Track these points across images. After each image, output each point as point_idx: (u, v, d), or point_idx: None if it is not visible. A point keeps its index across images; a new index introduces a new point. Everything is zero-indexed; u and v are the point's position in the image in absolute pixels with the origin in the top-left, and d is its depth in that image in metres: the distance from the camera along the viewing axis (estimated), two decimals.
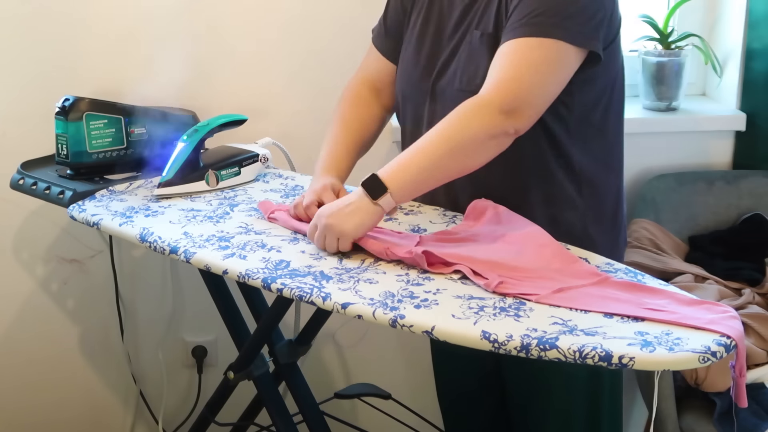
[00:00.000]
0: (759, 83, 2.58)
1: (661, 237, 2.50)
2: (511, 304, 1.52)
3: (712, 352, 1.37)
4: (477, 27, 1.80)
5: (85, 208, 1.96)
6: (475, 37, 1.79)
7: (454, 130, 1.68)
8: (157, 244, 1.78)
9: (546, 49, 1.69)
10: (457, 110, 1.69)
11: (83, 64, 2.34)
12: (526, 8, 1.70)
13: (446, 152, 1.67)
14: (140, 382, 2.58)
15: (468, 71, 1.80)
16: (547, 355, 1.39)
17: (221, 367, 2.15)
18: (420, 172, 1.68)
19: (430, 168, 1.68)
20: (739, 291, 2.42)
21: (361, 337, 2.63)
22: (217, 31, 2.38)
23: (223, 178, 2.06)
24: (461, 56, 1.82)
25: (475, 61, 1.79)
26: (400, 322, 1.48)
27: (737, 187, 2.58)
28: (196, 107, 2.30)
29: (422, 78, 1.88)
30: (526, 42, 1.69)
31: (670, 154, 2.62)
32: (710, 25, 2.68)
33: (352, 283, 1.59)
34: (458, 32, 1.84)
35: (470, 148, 1.68)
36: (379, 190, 1.66)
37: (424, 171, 1.68)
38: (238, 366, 2.03)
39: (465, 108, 1.68)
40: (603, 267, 1.65)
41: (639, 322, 1.45)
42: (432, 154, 1.68)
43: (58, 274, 2.49)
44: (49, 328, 2.53)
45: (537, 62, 1.69)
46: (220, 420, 2.16)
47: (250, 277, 1.64)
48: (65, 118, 2.06)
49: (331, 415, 2.21)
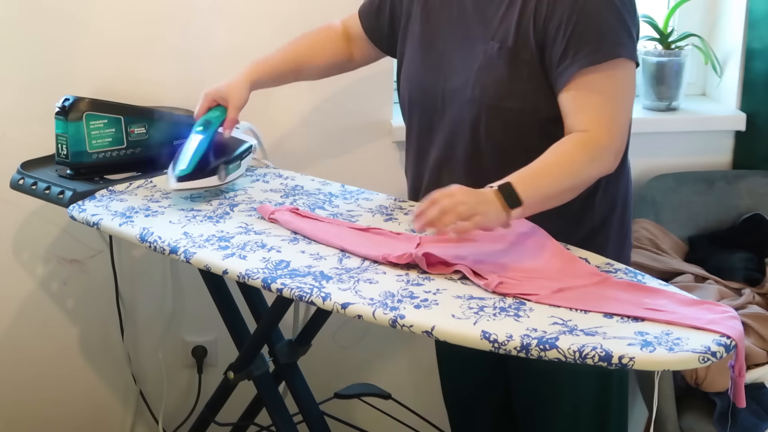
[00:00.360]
0: (759, 83, 2.58)
1: (661, 237, 2.50)
2: (511, 304, 1.52)
3: (712, 352, 1.37)
4: (493, 38, 1.79)
5: (85, 208, 1.96)
6: (492, 48, 1.78)
7: (580, 167, 1.69)
8: (157, 244, 1.78)
9: (619, 76, 1.73)
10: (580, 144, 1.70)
11: (83, 65, 2.33)
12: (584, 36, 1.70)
13: (569, 187, 1.70)
14: (140, 382, 2.58)
15: (482, 82, 1.79)
16: (547, 355, 1.39)
17: (221, 367, 2.15)
18: (545, 198, 1.67)
19: (552, 196, 1.69)
20: (739, 291, 2.42)
21: (361, 337, 2.63)
22: (218, 30, 2.38)
23: (229, 172, 2.01)
24: (474, 65, 1.81)
25: (491, 72, 1.79)
26: (400, 322, 1.48)
27: (737, 187, 2.58)
28: (196, 107, 2.30)
29: (431, 82, 1.87)
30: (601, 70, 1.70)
31: (670, 154, 2.62)
32: (710, 25, 2.68)
33: (352, 283, 1.59)
34: (470, 39, 1.83)
35: (585, 185, 1.73)
36: (516, 202, 1.62)
37: (548, 198, 1.68)
38: (238, 366, 2.03)
39: (588, 146, 1.70)
40: (603, 267, 1.65)
41: (639, 322, 1.46)
42: (559, 183, 1.68)
43: (58, 274, 2.49)
44: (49, 328, 2.52)
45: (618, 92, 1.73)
46: (220, 420, 2.16)
47: (250, 277, 1.64)
48: (65, 118, 2.06)
49: (331, 415, 2.21)
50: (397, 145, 2.49)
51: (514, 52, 1.77)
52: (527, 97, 1.77)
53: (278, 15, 2.38)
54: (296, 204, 1.95)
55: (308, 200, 1.98)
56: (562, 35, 1.72)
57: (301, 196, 2.01)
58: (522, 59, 1.76)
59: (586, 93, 1.72)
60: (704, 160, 2.65)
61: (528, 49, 1.75)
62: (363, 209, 1.93)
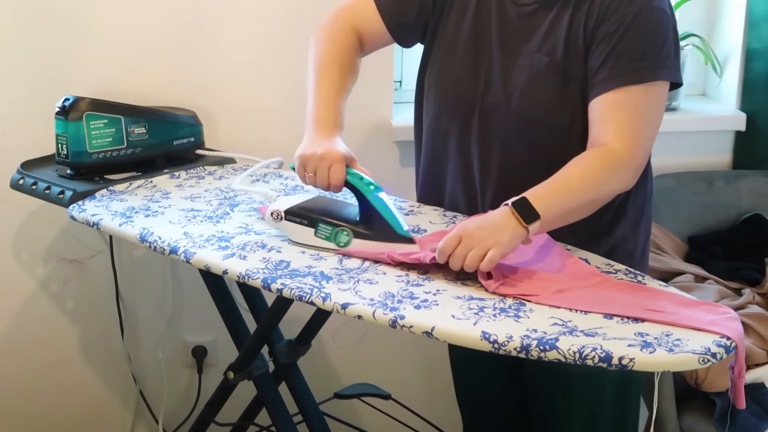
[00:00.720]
0: (759, 83, 2.58)
1: (661, 237, 2.50)
2: (511, 305, 1.52)
3: (712, 353, 1.37)
4: (540, 50, 1.74)
5: (85, 208, 1.95)
6: (540, 61, 1.74)
7: (599, 181, 1.67)
8: (157, 244, 1.78)
9: (655, 94, 1.71)
10: (603, 159, 1.68)
11: (83, 65, 2.33)
12: (626, 53, 1.68)
13: (589, 201, 1.67)
14: (140, 382, 2.58)
15: (528, 95, 1.76)
16: (547, 356, 1.39)
17: (221, 367, 2.15)
18: (564, 213, 1.65)
19: (572, 210, 1.66)
20: (739, 291, 2.42)
21: (361, 337, 2.63)
22: (218, 30, 2.37)
23: None
24: (519, 77, 1.76)
25: (538, 86, 1.75)
26: (400, 323, 1.48)
27: (737, 187, 2.58)
28: (196, 107, 2.30)
29: (468, 90, 1.82)
30: (636, 91, 1.69)
31: (670, 154, 2.62)
32: (710, 25, 2.68)
33: (352, 283, 1.59)
34: (512, 49, 1.77)
35: (605, 200, 1.70)
36: (533, 216, 1.59)
37: (568, 213, 1.66)
38: (238, 366, 2.03)
39: (608, 162, 1.68)
40: (603, 268, 1.65)
41: (639, 323, 1.46)
42: (578, 197, 1.66)
43: (58, 274, 2.49)
44: (49, 328, 2.52)
45: (650, 110, 1.71)
46: (220, 420, 2.16)
47: (250, 277, 1.64)
48: (65, 118, 2.06)
49: (331, 415, 2.21)
50: (397, 145, 2.49)
51: (564, 67, 1.73)
52: (576, 113, 1.75)
53: (279, 15, 2.38)
54: None
55: None
56: (605, 46, 1.69)
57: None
58: (572, 74, 1.73)
59: (618, 107, 1.69)
60: (704, 160, 2.65)
61: (578, 62, 1.72)
62: None
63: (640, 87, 1.69)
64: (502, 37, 1.79)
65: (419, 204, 1.95)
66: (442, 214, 1.89)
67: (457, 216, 1.87)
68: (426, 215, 1.89)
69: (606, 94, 1.69)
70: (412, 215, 1.89)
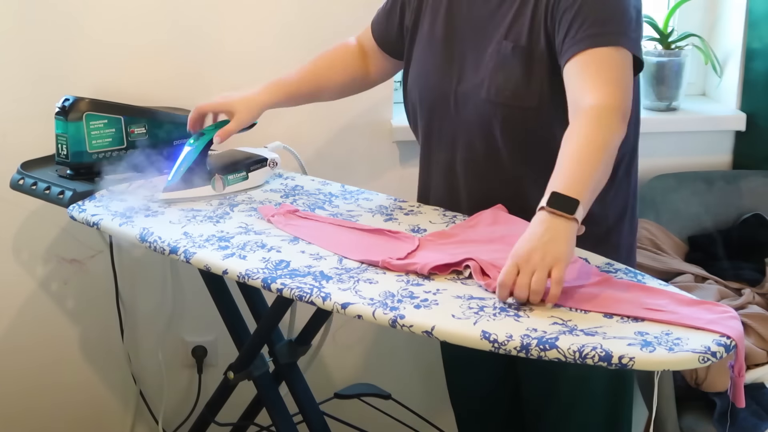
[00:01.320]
0: (759, 83, 2.58)
1: (661, 237, 2.50)
2: (511, 304, 1.52)
3: (712, 352, 1.37)
4: (507, 37, 1.79)
5: (85, 208, 1.96)
6: (506, 48, 1.78)
7: (602, 139, 1.65)
8: (157, 244, 1.78)
9: (621, 59, 1.71)
10: (589, 119, 1.66)
11: (83, 65, 2.33)
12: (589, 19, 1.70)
13: (604, 161, 1.64)
14: (140, 382, 2.58)
15: (496, 82, 1.79)
16: (547, 355, 1.39)
17: (221, 367, 2.14)
18: (594, 184, 1.61)
19: (598, 178, 1.62)
20: (739, 291, 2.42)
21: (361, 337, 2.63)
22: (219, 30, 2.38)
23: (229, 182, 2.03)
24: (488, 65, 1.81)
25: (505, 72, 1.78)
26: (400, 322, 1.48)
27: (737, 187, 2.58)
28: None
29: (442, 82, 1.87)
30: (602, 51, 1.70)
31: (670, 154, 2.62)
32: (710, 25, 2.68)
33: (352, 283, 1.59)
34: (483, 40, 1.83)
35: (614, 154, 1.67)
36: (572, 204, 1.55)
37: (596, 182, 1.62)
38: (238, 366, 2.03)
39: (597, 116, 1.66)
40: (603, 267, 1.65)
41: (639, 322, 1.46)
42: (596, 163, 1.62)
43: (58, 274, 2.49)
44: (49, 328, 2.52)
45: (620, 67, 1.71)
46: (220, 420, 2.16)
47: (250, 277, 1.64)
48: (65, 118, 2.06)
49: (331, 415, 2.21)
50: (397, 145, 2.49)
51: (528, 51, 1.77)
52: (543, 96, 1.77)
53: (279, 16, 2.38)
54: (296, 204, 1.95)
55: (308, 200, 1.98)
56: (568, 16, 1.72)
57: (301, 196, 2.01)
58: (536, 57, 1.76)
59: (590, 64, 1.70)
60: (704, 160, 2.65)
61: (541, 46, 1.76)
62: (363, 209, 1.93)
63: (605, 49, 1.70)
64: (473, 30, 1.84)
65: (419, 204, 1.96)
66: (442, 214, 1.89)
67: (457, 216, 1.87)
68: (426, 215, 1.89)
69: (576, 57, 1.71)
70: (412, 215, 1.89)
